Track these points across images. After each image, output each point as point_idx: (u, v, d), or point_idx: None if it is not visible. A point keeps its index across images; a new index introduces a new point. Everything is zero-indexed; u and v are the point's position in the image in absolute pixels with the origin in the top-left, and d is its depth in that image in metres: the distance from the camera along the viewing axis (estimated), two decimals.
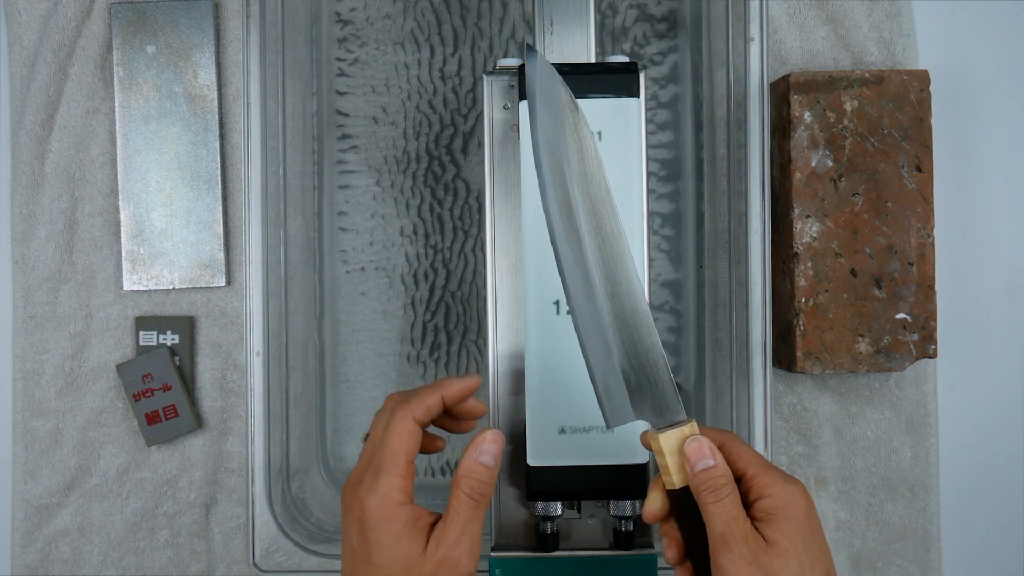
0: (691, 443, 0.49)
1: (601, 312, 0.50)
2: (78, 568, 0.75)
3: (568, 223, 0.50)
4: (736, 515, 0.47)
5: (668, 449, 0.49)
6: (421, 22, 0.77)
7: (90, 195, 0.75)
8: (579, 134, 0.50)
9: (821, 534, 0.48)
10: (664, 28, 0.77)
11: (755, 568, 0.46)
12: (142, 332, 0.75)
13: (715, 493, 0.48)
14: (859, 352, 0.70)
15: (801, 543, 0.47)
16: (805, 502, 0.48)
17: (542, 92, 0.50)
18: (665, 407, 0.50)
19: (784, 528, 0.47)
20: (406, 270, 0.77)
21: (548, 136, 0.50)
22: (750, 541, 0.47)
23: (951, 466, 0.76)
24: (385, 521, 0.49)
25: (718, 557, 0.47)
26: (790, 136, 0.70)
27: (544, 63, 0.51)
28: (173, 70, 0.75)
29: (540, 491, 0.57)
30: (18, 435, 0.75)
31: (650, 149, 0.76)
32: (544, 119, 0.50)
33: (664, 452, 0.49)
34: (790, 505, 0.48)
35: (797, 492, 0.48)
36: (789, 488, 0.48)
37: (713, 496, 0.48)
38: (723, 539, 0.47)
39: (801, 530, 0.47)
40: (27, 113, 0.75)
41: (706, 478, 0.48)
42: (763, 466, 0.49)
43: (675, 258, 0.76)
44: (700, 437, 0.49)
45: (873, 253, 0.70)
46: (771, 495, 0.48)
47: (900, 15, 0.75)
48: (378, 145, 0.77)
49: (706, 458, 0.48)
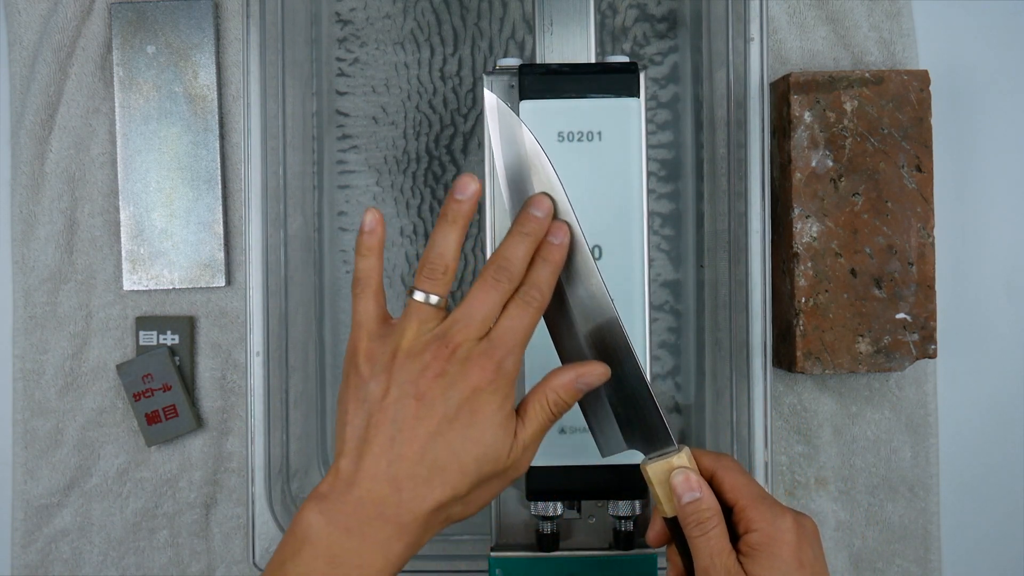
0: (677, 475, 0.49)
1: (583, 349, 0.50)
2: (78, 568, 0.75)
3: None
4: (720, 549, 0.47)
5: (657, 480, 0.49)
6: (421, 22, 0.77)
7: (90, 195, 0.75)
8: (549, 183, 0.51)
9: (813, 567, 0.47)
10: (664, 28, 0.77)
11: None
12: (142, 332, 0.75)
13: (700, 527, 0.48)
14: (859, 352, 0.70)
15: (791, 574, 0.46)
16: (794, 537, 0.47)
17: (504, 137, 0.51)
18: (654, 437, 0.50)
19: (767, 564, 0.46)
20: (406, 270, 0.77)
21: (518, 185, 0.50)
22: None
23: (951, 466, 0.76)
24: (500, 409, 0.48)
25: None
26: (790, 136, 0.70)
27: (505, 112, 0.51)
28: (173, 70, 0.75)
29: (540, 491, 0.57)
30: (18, 435, 0.75)
31: (650, 149, 0.76)
32: (509, 159, 0.51)
33: (654, 482, 0.49)
34: (776, 541, 0.47)
35: (786, 527, 0.47)
36: (778, 523, 0.47)
37: (698, 529, 0.48)
38: (706, 573, 0.47)
39: (785, 567, 0.46)
40: (27, 113, 0.75)
41: (692, 511, 0.48)
42: (754, 497, 0.48)
43: (675, 258, 0.76)
44: (687, 469, 0.49)
45: (873, 253, 0.70)
46: (758, 530, 0.47)
47: (900, 15, 0.75)
48: (378, 145, 0.77)
49: (692, 491, 0.48)
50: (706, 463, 0.50)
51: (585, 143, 0.57)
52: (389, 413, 0.47)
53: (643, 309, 0.57)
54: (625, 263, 0.57)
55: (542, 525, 0.58)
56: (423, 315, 0.48)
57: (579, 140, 0.57)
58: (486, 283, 0.48)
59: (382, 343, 0.49)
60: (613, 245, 0.56)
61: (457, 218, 0.49)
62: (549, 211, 0.49)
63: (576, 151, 0.56)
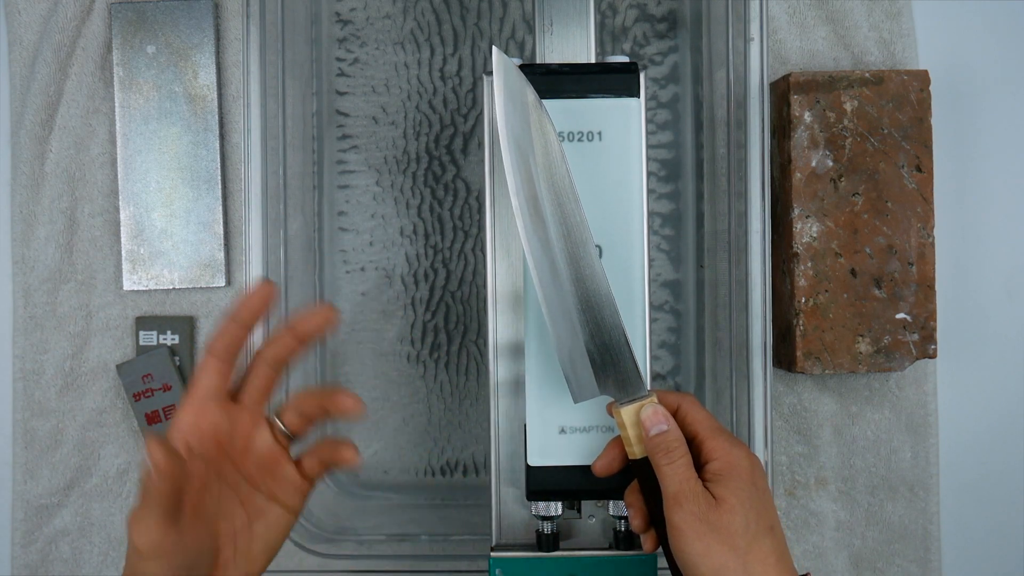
0: (647, 409, 0.53)
1: (566, 296, 0.53)
2: (78, 568, 0.75)
3: (535, 214, 0.53)
4: (687, 476, 0.51)
5: (629, 421, 0.53)
6: (421, 22, 0.77)
7: (90, 195, 0.75)
8: (543, 131, 0.53)
9: (766, 492, 0.52)
10: (664, 28, 0.77)
11: (704, 523, 0.50)
12: (142, 332, 0.75)
13: (668, 456, 0.51)
14: (859, 352, 0.70)
15: (747, 499, 0.50)
16: (749, 463, 0.52)
17: (508, 93, 0.53)
18: (627, 383, 0.54)
19: (731, 486, 0.50)
20: (406, 270, 0.77)
21: (515, 133, 0.53)
22: (700, 499, 0.50)
23: (951, 466, 0.76)
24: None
25: (671, 515, 0.50)
26: (790, 136, 0.70)
27: (509, 65, 0.54)
28: (173, 70, 0.75)
29: (540, 491, 0.57)
30: (18, 435, 0.75)
31: (650, 149, 0.76)
32: (511, 118, 0.53)
33: (626, 424, 0.53)
34: (736, 467, 0.51)
35: (742, 455, 0.52)
36: (735, 451, 0.52)
37: (667, 458, 0.51)
38: (675, 498, 0.50)
39: (746, 488, 0.51)
40: (27, 113, 0.75)
41: (660, 442, 0.52)
42: (713, 430, 0.53)
43: (675, 258, 0.76)
44: (656, 404, 0.53)
45: (873, 253, 0.70)
46: (718, 458, 0.51)
47: (900, 15, 0.75)
48: (378, 145, 0.77)
49: (660, 423, 0.52)
50: (670, 400, 0.54)
51: (585, 143, 0.57)
52: None
53: (643, 309, 0.57)
54: (625, 263, 0.57)
55: (542, 525, 0.58)
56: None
57: (579, 140, 0.57)
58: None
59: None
60: (613, 245, 0.56)
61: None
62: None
63: (576, 151, 0.56)
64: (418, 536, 0.69)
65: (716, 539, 0.49)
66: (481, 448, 0.77)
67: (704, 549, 0.49)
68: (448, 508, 0.75)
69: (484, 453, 0.76)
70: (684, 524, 0.50)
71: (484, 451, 0.76)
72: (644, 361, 0.57)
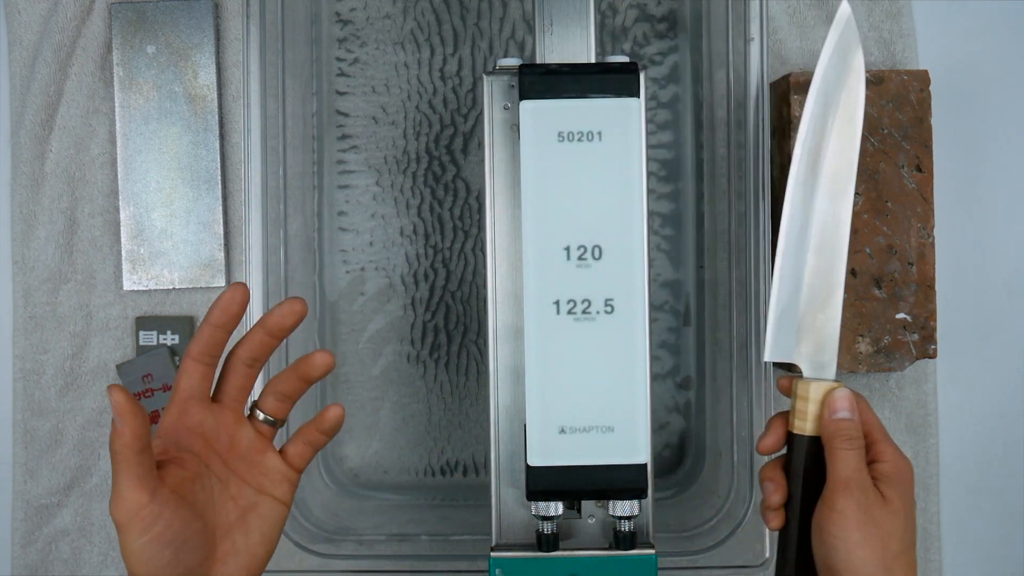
0: (841, 391, 0.54)
1: (805, 252, 0.56)
2: (78, 568, 0.75)
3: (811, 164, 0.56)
4: (862, 466, 0.52)
5: (813, 397, 0.54)
6: (421, 22, 0.77)
7: (90, 195, 0.75)
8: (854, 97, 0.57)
9: (914, 503, 0.54)
10: (664, 28, 0.77)
11: (868, 515, 0.51)
12: (142, 332, 0.75)
13: (851, 441, 0.52)
14: (859, 352, 0.70)
15: (910, 509, 0.52)
16: (911, 474, 0.54)
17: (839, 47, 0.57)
18: (821, 363, 0.56)
19: (898, 491, 0.52)
20: (406, 270, 0.77)
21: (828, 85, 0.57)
22: (869, 491, 0.52)
23: (951, 466, 0.76)
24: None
25: (837, 498, 0.51)
26: (790, 136, 0.70)
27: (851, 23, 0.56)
28: (173, 70, 0.75)
29: (540, 491, 0.57)
30: (18, 435, 0.75)
31: (650, 149, 0.76)
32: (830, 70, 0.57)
33: (808, 399, 0.54)
34: (905, 474, 0.53)
35: (910, 466, 0.54)
36: (904, 460, 0.54)
37: (849, 444, 0.52)
38: (846, 484, 0.51)
39: (910, 498, 0.53)
40: (27, 113, 0.75)
41: (844, 427, 0.53)
42: (885, 434, 0.55)
43: (675, 258, 0.76)
44: (848, 390, 0.54)
45: (873, 253, 0.70)
46: (889, 461, 0.53)
47: (900, 15, 0.75)
48: (378, 145, 0.77)
49: (849, 410, 0.53)
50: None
51: (585, 143, 0.57)
52: None
53: (643, 309, 0.57)
54: (625, 263, 0.57)
55: (542, 525, 0.58)
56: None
57: (579, 140, 0.57)
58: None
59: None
60: (613, 245, 0.56)
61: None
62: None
63: (576, 151, 0.56)
64: (418, 536, 0.69)
65: (875, 533, 0.50)
66: (481, 448, 0.77)
67: (860, 540, 0.50)
68: (448, 508, 0.75)
69: (484, 453, 0.76)
70: (849, 510, 0.51)
71: (484, 451, 0.76)
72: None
